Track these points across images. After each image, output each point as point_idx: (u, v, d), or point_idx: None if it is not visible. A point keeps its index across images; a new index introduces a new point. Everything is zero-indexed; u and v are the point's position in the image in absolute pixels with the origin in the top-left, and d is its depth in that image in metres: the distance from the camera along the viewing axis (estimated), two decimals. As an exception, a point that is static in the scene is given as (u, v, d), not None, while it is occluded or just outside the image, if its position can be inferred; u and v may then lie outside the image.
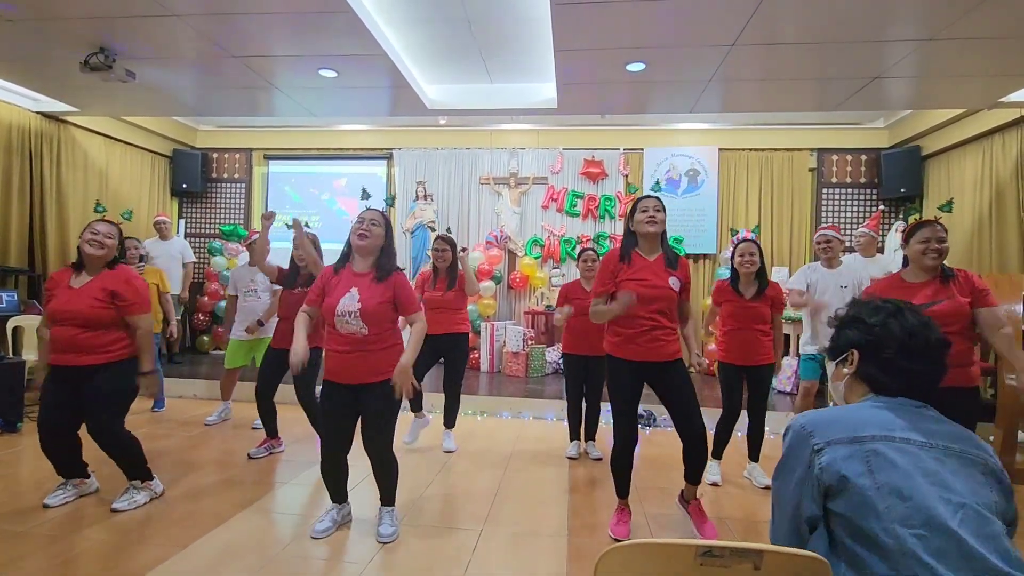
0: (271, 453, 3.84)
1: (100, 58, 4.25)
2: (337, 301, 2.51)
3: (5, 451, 3.70)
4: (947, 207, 3.82)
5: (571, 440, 4.05)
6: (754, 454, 3.58)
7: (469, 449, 4.08)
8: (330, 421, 2.64)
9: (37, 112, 5.92)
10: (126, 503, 2.88)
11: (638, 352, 2.59)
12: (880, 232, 6.18)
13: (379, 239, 2.60)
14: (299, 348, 2.50)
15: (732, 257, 3.48)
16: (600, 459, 3.90)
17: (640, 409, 4.86)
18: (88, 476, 3.05)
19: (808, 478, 1.12)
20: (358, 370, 2.54)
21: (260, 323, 4.28)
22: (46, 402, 2.82)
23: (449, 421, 4.12)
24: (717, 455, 3.56)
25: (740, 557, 0.99)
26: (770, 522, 1.24)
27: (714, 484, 3.48)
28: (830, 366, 1.32)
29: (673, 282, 2.62)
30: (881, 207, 6.84)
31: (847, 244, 5.72)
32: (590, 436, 4.02)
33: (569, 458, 3.92)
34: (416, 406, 4.10)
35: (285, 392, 3.90)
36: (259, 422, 4.28)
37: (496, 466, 3.71)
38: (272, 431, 3.88)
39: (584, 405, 3.99)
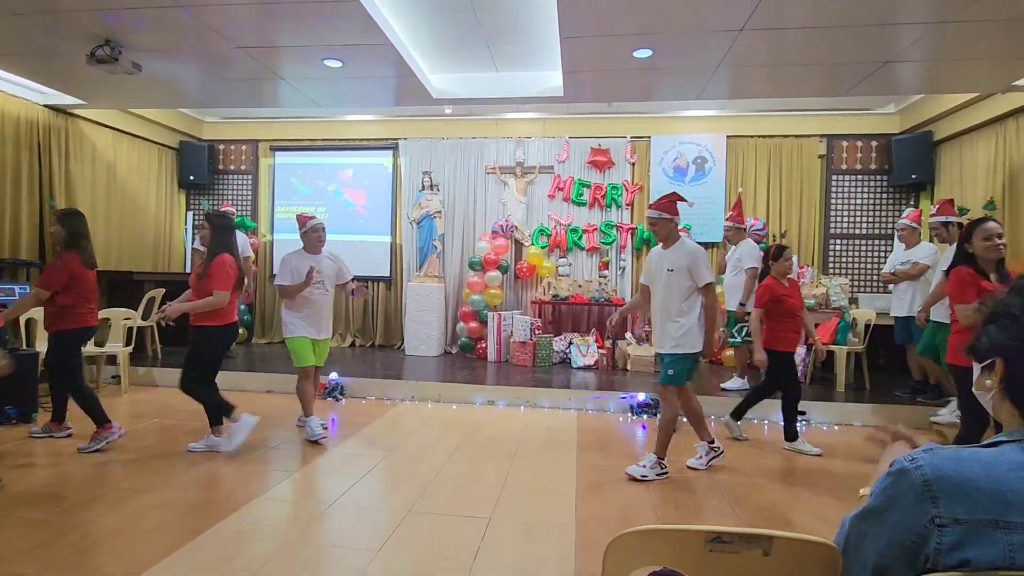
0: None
1: (106, 51, 4.25)
2: None
3: (21, 441, 3.76)
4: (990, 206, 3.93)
5: (794, 441, 3.94)
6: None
7: (478, 438, 4.10)
8: None
9: (45, 105, 5.94)
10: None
11: None
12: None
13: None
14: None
15: None
16: (820, 454, 3.86)
17: (647, 398, 4.88)
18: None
19: (911, 547, 0.86)
20: None
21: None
22: None
23: (211, 419, 3.71)
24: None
25: (750, 543, 0.99)
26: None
27: None
28: (974, 369, 1.00)
29: None
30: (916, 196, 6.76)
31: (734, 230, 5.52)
32: (792, 436, 3.96)
33: (798, 452, 3.88)
34: (215, 419, 3.72)
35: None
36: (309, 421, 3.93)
37: (504, 455, 3.73)
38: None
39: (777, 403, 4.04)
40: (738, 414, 4.15)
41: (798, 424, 4.02)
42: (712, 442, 3.56)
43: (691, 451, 3.61)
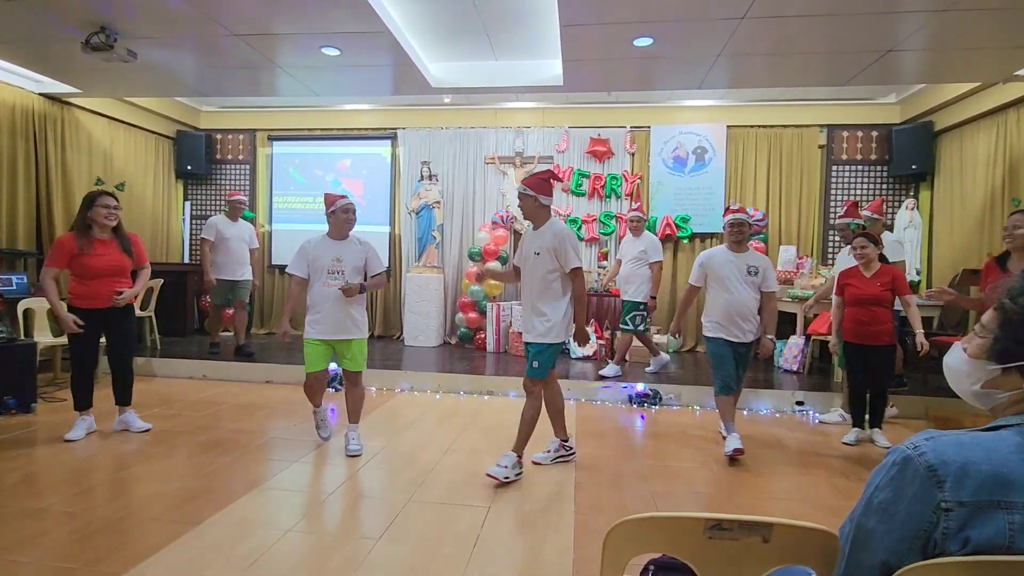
0: None
1: (101, 38, 4.21)
2: None
3: (21, 431, 3.76)
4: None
5: (853, 426, 3.93)
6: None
7: (477, 428, 4.11)
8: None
9: (40, 94, 5.89)
10: None
11: None
12: (885, 214, 5.95)
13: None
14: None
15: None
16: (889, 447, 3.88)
17: (646, 388, 4.89)
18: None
19: (922, 536, 0.85)
20: None
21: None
22: None
23: (122, 397, 3.76)
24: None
25: (749, 531, 1.00)
26: (839, 565, 0.96)
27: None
28: (979, 367, 0.95)
29: None
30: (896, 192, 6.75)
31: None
32: (877, 424, 3.90)
33: (846, 444, 3.88)
34: (82, 404, 3.69)
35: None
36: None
37: (503, 445, 3.73)
38: None
39: (869, 394, 3.90)
40: (874, 422, 3.93)
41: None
42: (566, 440, 3.45)
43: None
